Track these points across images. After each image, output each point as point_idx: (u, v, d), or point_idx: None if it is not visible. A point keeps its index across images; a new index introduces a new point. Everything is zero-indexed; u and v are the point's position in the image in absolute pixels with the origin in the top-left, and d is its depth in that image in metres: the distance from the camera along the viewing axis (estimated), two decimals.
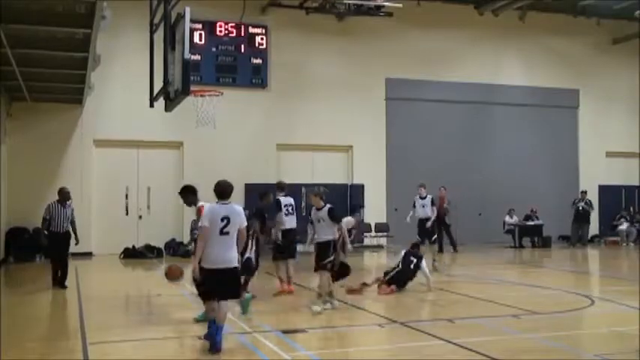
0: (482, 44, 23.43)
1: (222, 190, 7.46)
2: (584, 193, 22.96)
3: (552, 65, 24.23)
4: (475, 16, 23.11)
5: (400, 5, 19.18)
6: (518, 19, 23.69)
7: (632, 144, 24.68)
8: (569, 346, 7.76)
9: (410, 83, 22.40)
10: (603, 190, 24.52)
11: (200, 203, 8.60)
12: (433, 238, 15.43)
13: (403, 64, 22.31)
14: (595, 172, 24.56)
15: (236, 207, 7.46)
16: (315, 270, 9.98)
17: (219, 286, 7.29)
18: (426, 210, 15.29)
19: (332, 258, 9.80)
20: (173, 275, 9.08)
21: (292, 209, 11.72)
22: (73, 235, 12.63)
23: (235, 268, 7.42)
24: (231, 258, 7.33)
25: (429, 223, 15.12)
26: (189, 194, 8.94)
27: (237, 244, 7.43)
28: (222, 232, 7.21)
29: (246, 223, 7.57)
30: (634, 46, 24.22)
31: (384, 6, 19.31)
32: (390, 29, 21.72)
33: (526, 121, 23.99)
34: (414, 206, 15.66)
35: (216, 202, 7.46)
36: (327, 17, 20.88)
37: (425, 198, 15.47)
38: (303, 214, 20.61)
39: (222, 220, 7.23)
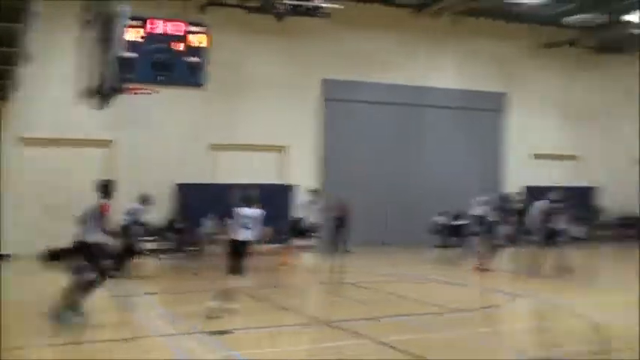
0: (418, 46, 23.75)
1: None
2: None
3: (483, 69, 24.77)
4: (411, 19, 23.45)
5: (338, 6, 19.34)
6: (452, 23, 24.14)
7: (560, 146, 25.70)
8: (490, 342, 8.06)
9: (346, 84, 22.54)
10: (531, 191, 25.16)
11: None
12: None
13: (340, 65, 22.47)
14: (522, 174, 25.09)
15: None
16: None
17: None
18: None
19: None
20: None
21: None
22: None
23: None
24: None
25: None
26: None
27: None
28: None
29: None
30: (563, 52, 25.23)
31: (322, 7, 19.45)
32: (328, 30, 21.85)
33: (455, 124, 24.30)
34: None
35: None
36: (266, 17, 20.79)
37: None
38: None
39: None
